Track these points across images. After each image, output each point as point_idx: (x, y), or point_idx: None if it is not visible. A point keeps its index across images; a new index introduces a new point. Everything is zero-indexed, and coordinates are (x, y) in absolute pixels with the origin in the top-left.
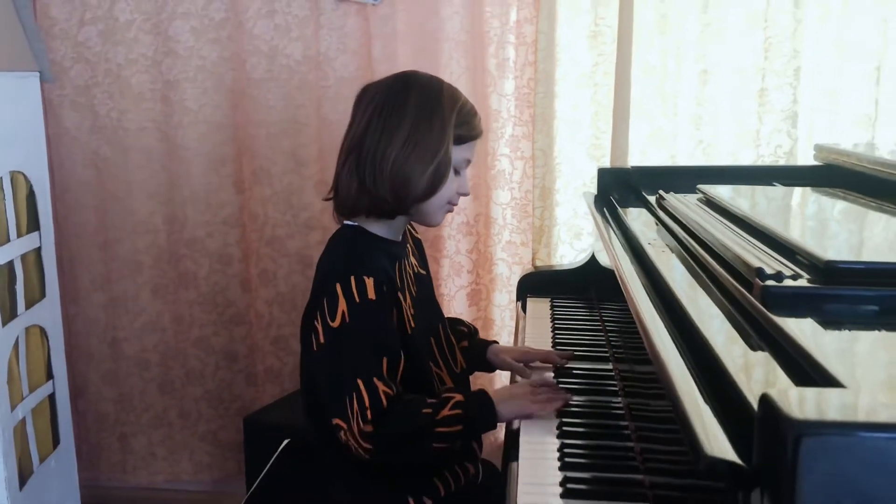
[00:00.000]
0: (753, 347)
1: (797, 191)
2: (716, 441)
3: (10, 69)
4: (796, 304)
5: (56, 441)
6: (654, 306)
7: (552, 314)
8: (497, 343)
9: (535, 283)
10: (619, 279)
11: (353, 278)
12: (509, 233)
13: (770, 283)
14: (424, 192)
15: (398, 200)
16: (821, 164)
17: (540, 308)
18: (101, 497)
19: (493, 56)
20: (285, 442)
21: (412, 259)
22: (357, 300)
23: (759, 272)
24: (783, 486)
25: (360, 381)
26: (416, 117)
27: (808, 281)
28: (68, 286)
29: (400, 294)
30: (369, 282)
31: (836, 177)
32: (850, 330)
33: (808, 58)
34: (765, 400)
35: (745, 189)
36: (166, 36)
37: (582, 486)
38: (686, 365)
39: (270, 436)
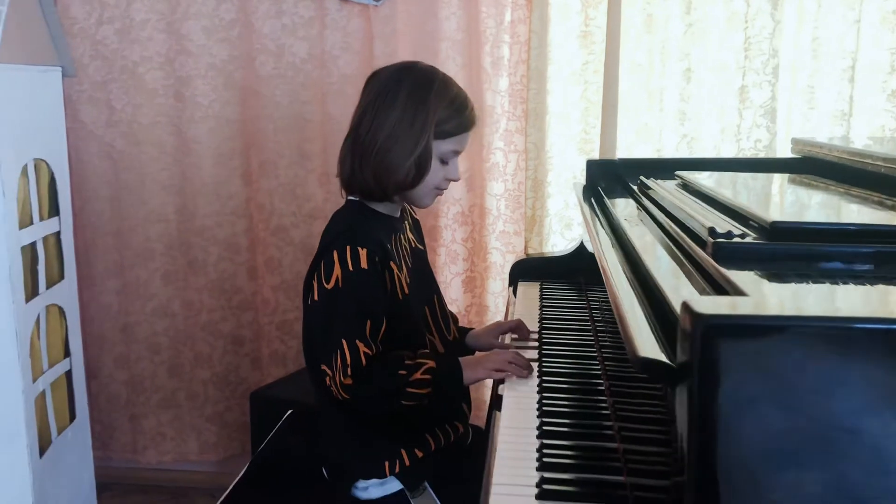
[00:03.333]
0: (700, 290)
1: (768, 176)
2: (650, 347)
3: (34, 63)
4: (744, 258)
5: (73, 416)
6: (620, 263)
7: (541, 294)
8: (472, 329)
9: (527, 269)
10: (591, 241)
11: (348, 248)
12: (503, 223)
13: (721, 240)
14: (407, 181)
15: (381, 186)
16: (798, 156)
17: (530, 291)
18: (112, 476)
19: (488, 54)
20: (288, 412)
21: (409, 234)
22: (350, 268)
23: (711, 231)
24: (699, 371)
25: (344, 341)
26: (403, 111)
27: (755, 239)
28: (83, 272)
29: (393, 263)
30: (363, 252)
31: (813, 168)
32: (788, 276)
33: (785, 57)
34: (684, 305)
35: (718, 174)
36: (179, 35)
37: (558, 428)
38: (639, 303)
39: (276, 409)
